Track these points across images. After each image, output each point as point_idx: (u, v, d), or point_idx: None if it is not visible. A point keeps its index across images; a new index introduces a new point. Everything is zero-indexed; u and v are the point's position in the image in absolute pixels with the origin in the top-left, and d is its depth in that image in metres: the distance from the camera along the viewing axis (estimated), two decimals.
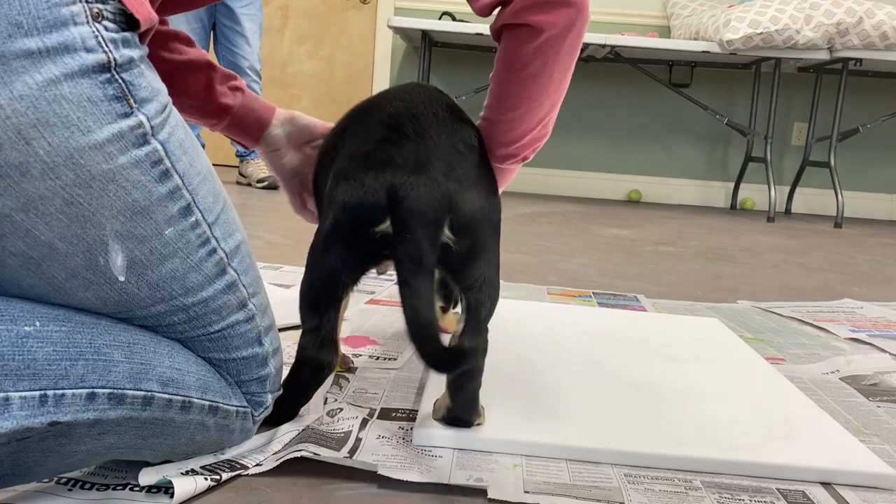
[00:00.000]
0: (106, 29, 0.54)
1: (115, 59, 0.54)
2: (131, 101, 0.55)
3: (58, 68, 0.51)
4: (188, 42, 0.91)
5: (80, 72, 0.52)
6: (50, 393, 0.54)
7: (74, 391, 0.55)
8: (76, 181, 0.53)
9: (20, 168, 0.51)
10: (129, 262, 0.58)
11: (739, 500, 0.67)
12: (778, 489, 0.69)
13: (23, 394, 0.52)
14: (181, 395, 0.61)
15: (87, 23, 0.53)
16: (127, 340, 0.59)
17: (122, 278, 0.58)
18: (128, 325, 0.61)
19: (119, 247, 0.57)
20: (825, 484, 0.71)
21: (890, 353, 1.18)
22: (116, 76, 0.54)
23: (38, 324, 0.55)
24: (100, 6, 0.54)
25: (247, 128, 0.95)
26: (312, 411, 0.78)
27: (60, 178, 0.52)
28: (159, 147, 0.57)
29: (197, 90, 0.91)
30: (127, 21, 0.56)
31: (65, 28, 0.51)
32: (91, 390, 0.56)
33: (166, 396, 0.60)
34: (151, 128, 0.57)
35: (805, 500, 0.68)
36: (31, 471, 0.57)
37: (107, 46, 0.54)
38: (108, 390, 0.56)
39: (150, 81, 0.58)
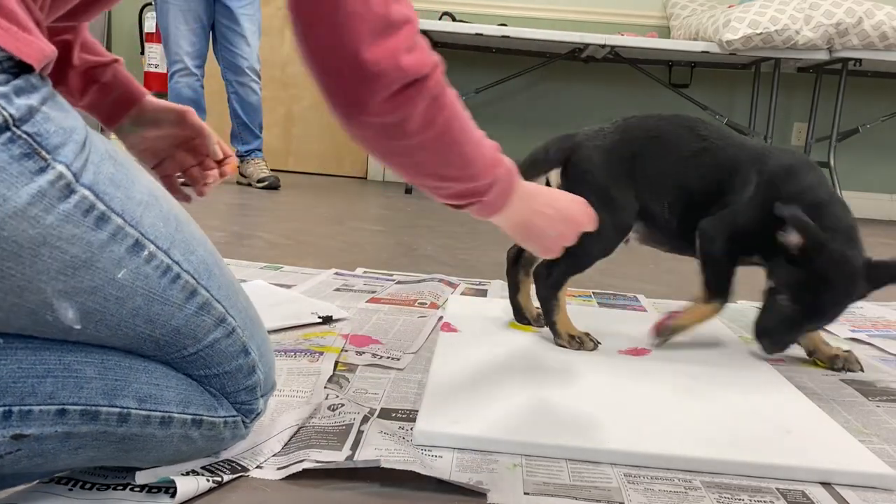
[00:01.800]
0: None
1: (11, 116, 0.49)
2: (43, 153, 0.50)
3: None
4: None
5: None
6: (15, 409, 0.53)
7: (42, 407, 0.54)
8: (2, 255, 0.49)
9: None
10: (82, 313, 0.54)
11: (739, 499, 0.67)
12: (778, 489, 0.69)
13: None
14: (160, 411, 0.59)
15: None
16: (100, 357, 0.57)
17: (77, 327, 0.55)
18: None
19: (67, 304, 0.53)
20: (825, 484, 0.71)
21: (890, 353, 1.18)
22: (18, 132, 0.49)
23: (0, 341, 0.54)
24: None
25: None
26: (312, 405, 0.78)
27: None
28: (87, 193, 0.52)
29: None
30: (17, 66, 0.50)
31: None
32: (62, 407, 0.54)
33: (143, 413, 0.58)
34: (73, 174, 0.51)
35: (805, 500, 0.68)
36: (10, 481, 0.57)
37: None
38: (80, 407, 0.55)
39: (59, 123, 0.52)
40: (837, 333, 1.30)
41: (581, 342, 1.07)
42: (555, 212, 0.81)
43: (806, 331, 1.05)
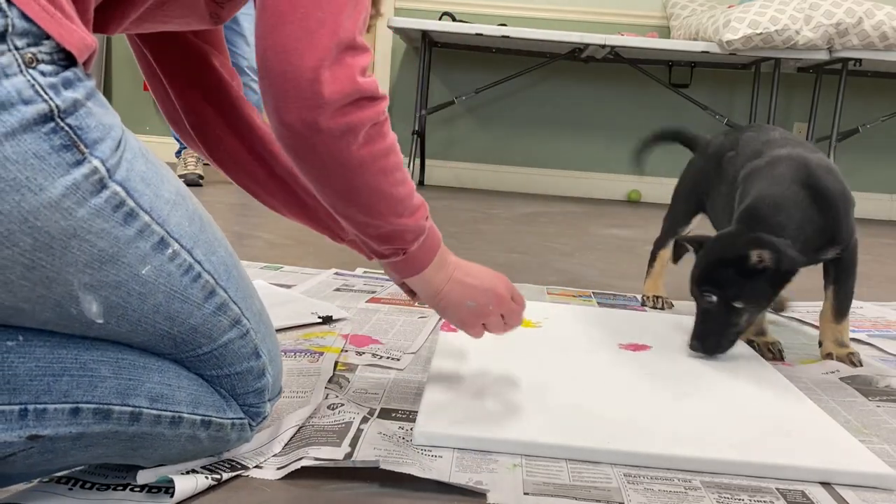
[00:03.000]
0: (43, 74, 0.49)
1: (57, 107, 0.49)
2: (82, 146, 0.51)
3: None
4: None
5: (22, 127, 0.48)
6: (30, 407, 0.53)
7: (57, 406, 0.54)
8: (35, 245, 0.50)
9: None
10: (105, 307, 0.55)
11: (739, 499, 0.67)
12: (778, 489, 0.70)
13: (1, 408, 0.52)
14: (170, 411, 0.60)
15: (21, 72, 0.48)
16: (115, 356, 0.58)
17: (100, 321, 0.56)
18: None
19: (91, 297, 0.54)
20: (825, 484, 0.71)
21: (890, 353, 1.18)
22: (61, 124, 0.50)
23: (20, 338, 0.54)
24: (33, 50, 0.49)
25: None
26: (312, 404, 0.78)
27: (18, 246, 0.49)
28: (119, 189, 0.53)
29: (327, 218, 0.88)
30: (66, 57, 0.51)
31: None
32: (75, 405, 0.55)
33: (154, 412, 0.59)
34: (108, 170, 0.52)
35: (805, 500, 0.68)
36: (16, 479, 0.57)
37: (46, 94, 0.49)
38: (93, 405, 0.56)
39: (99, 119, 0.53)
40: None
41: (655, 303, 1.40)
42: (478, 282, 0.79)
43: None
